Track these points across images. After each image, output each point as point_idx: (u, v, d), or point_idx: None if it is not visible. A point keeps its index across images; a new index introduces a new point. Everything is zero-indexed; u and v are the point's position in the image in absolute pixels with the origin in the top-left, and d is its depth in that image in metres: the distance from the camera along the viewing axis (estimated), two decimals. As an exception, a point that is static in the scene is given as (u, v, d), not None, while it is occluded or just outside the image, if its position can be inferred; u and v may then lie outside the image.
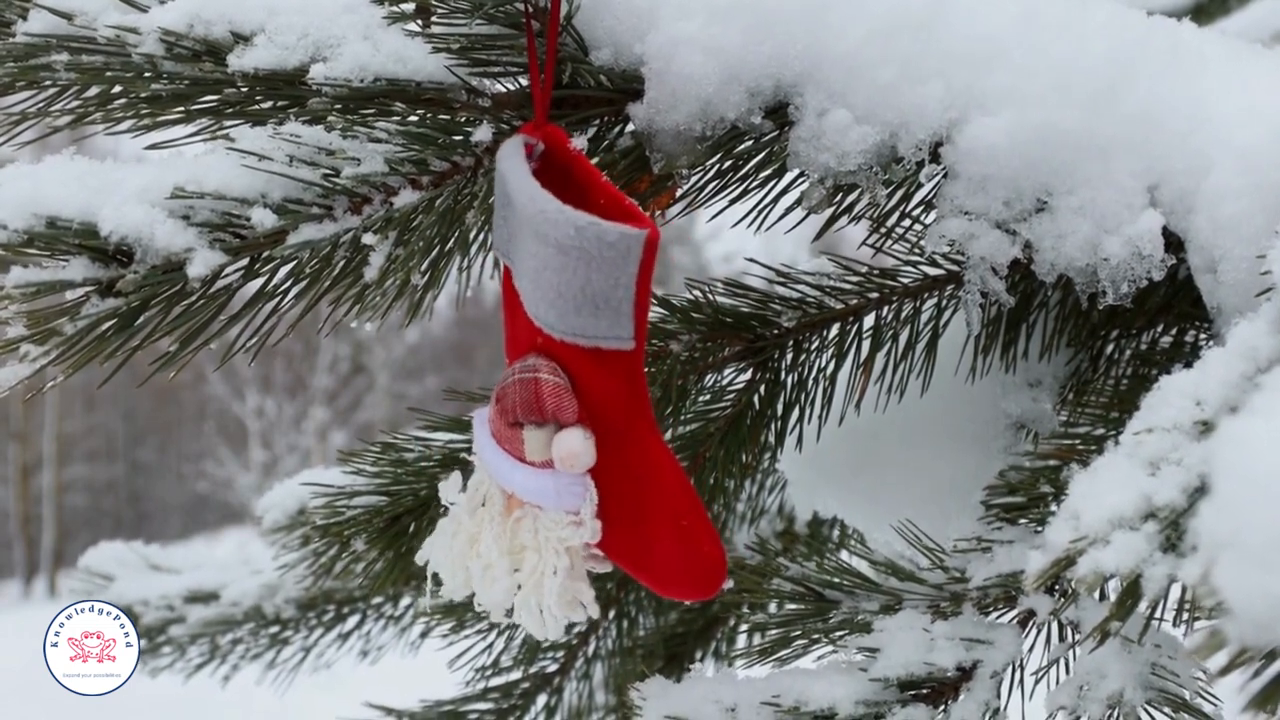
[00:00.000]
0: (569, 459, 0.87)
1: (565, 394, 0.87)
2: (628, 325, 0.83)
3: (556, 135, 0.88)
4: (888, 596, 0.95)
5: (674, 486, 0.87)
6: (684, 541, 0.87)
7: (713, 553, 0.87)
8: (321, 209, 0.86)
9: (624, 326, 0.83)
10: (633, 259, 0.81)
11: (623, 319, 0.83)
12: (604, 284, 0.82)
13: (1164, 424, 0.71)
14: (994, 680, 0.88)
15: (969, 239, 0.95)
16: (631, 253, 0.80)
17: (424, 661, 1.76)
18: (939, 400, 1.14)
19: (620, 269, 0.81)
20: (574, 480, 0.88)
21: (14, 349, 0.80)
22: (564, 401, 0.87)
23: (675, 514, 0.87)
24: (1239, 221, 0.90)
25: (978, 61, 0.93)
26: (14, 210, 0.79)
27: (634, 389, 0.87)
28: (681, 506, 0.87)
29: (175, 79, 0.89)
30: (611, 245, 0.80)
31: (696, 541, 0.87)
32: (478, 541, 0.93)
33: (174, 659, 1.78)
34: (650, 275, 0.82)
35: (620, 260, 0.81)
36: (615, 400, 0.87)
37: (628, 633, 1.60)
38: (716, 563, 0.87)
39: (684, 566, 0.88)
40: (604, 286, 0.82)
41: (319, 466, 1.52)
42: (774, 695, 0.86)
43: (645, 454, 0.88)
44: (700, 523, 0.87)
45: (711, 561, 0.87)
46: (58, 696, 1.42)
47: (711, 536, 0.87)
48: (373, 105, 0.90)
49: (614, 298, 0.82)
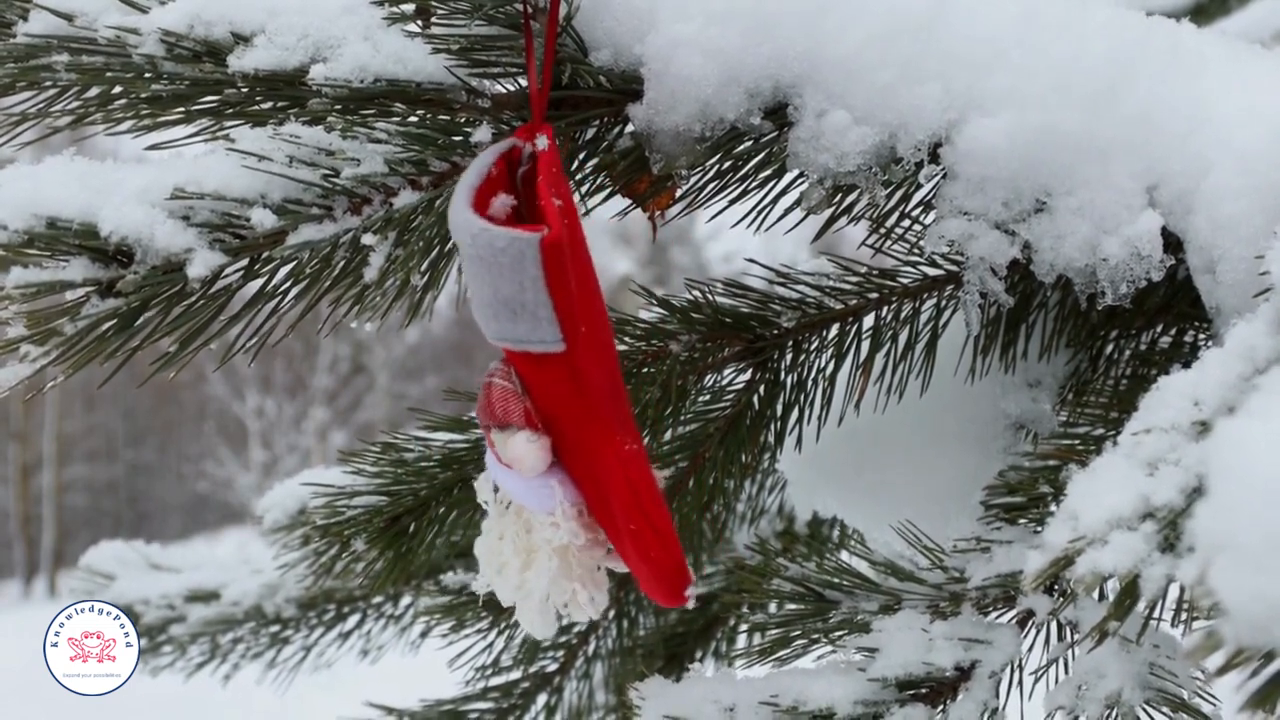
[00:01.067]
0: (516, 463, 0.88)
1: (512, 397, 0.87)
2: (549, 329, 0.82)
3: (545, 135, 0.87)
4: (887, 596, 0.95)
5: (621, 489, 0.86)
6: (636, 546, 0.87)
7: (660, 560, 0.86)
8: (321, 210, 0.86)
9: (545, 330, 0.82)
10: (529, 262, 0.80)
11: (542, 322, 0.82)
12: (510, 289, 0.81)
13: (1162, 424, 0.72)
14: (992, 680, 0.89)
15: (968, 239, 0.95)
16: (525, 256, 0.79)
17: (424, 661, 1.76)
18: (938, 401, 1.14)
19: (519, 273, 0.80)
20: (540, 482, 0.88)
21: (14, 349, 0.80)
22: (510, 405, 0.87)
23: (626, 517, 0.86)
24: (1238, 222, 0.90)
25: (977, 63, 0.93)
26: (14, 211, 0.79)
27: (579, 391, 0.86)
28: (629, 509, 0.86)
29: (175, 80, 0.89)
30: (503, 250, 0.79)
31: (645, 547, 0.86)
32: (504, 539, 0.93)
33: (174, 658, 1.78)
34: (566, 278, 0.81)
35: (516, 264, 0.80)
36: (561, 403, 0.87)
37: (628, 632, 1.60)
38: (668, 569, 0.86)
39: (642, 573, 0.87)
40: (511, 291, 0.81)
41: (319, 466, 1.52)
42: (772, 695, 0.86)
43: (596, 456, 0.87)
44: (649, 529, 0.86)
45: (661, 568, 0.86)
46: (58, 696, 1.42)
47: (663, 543, 0.86)
48: (373, 106, 0.90)
49: (526, 301, 0.81)
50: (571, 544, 0.89)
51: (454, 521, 1.21)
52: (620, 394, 0.89)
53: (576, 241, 0.83)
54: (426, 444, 1.20)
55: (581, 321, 0.83)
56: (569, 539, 0.89)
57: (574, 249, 0.83)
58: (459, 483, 1.19)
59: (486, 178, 0.84)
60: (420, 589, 1.63)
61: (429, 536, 1.20)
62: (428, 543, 1.20)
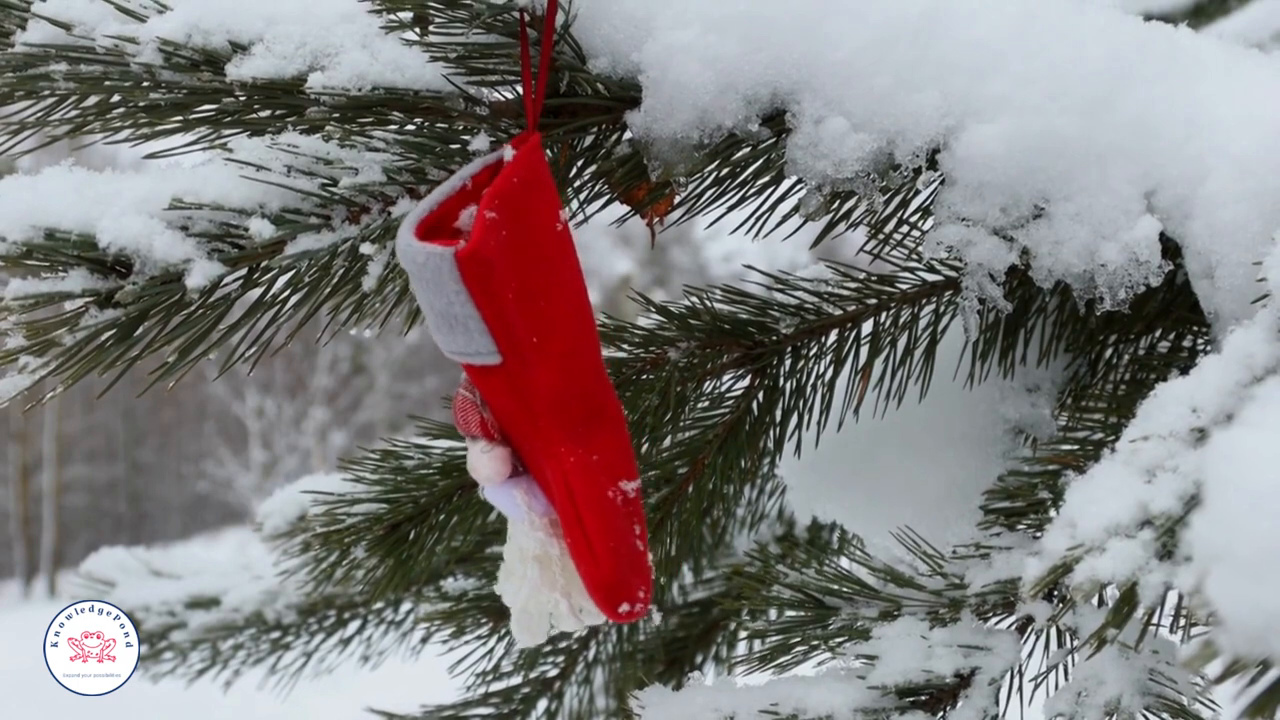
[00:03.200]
0: (472, 472, 0.89)
1: (470, 408, 0.88)
2: (483, 340, 0.82)
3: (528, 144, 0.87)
4: (887, 603, 0.96)
5: (562, 502, 0.86)
6: (575, 557, 0.87)
7: (590, 573, 0.86)
8: (319, 219, 0.86)
9: (480, 342, 0.82)
10: (448, 277, 0.80)
11: (476, 335, 0.82)
12: (440, 302, 0.81)
13: (1160, 431, 0.72)
14: (992, 687, 0.89)
15: (967, 245, 0.95)
16: (443, 271, 0.79)
17: (425, 667, 1.76)
18: (937, 406, 1.14)
19: (443, 286, 0.80)
20: (502, 491, 0.89)
21: (13, 360, 0.80)
22: (467, 415, 0.88)
23: (565, 530, 0.87)
24: (1236, 227, 0.90)
25: (974, 69, 0.93)
26: (13, 222, 0.79)
27: (522, 403, 0.86)
28: (568, 522, 0.86)
29: (173, 88, 0.89)
30: (423, 265, 0.80)
31: (578, 559, 0.86)
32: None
33: (175, 664, 1.78)
34: (495, 291, 0.81)
35: (437, 278, 0.80)
36: (509, 414, 0.87)
37: (628, 637, 1.60)
38: (597, 582, 0.86)
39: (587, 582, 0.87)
40: (442, 305, 0.81)
41: (319, 467, 1.53)
42: (773, 703, 0.86)
43: (538, 468, 0.88)
44: (583, 541, 0.86)
45: (592, 582, 0.86)
46: (58, 696, 1.42)
47: (597, 556, 0.85)
48: (370, 114, 0.90)
49: (459, 315, 0.81)
50: (547, 552, 0.89)
51: (454, 528, 1.21)
52: (589, 402, 0.88)
53: (521, 251, 0.82)
54: (426, 451, 1.20)
55: (529, 332, 0.83)
56: (538, 548, 0.89)
57: (515, 260, 0.82)
58: (459, 490, 1.19)
59: (459, 191, 0.84)
60: (421, 595, 1.63)
61: (429, 543, 1.20)
62: (428, 549, 1.20)
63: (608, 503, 0.87)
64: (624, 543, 0.87)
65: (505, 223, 0.81)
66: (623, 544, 0.86)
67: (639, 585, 0.87)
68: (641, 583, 0.87)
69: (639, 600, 0.86)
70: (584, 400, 0.88)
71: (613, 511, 0.87)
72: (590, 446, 0.87)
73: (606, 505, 0.86)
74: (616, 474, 0.88)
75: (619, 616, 0.86)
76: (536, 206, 0.84)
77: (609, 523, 0.86)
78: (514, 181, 0.83)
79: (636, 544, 0.88)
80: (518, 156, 0.84)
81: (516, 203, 0.83)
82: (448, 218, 0.84)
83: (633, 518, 0.88)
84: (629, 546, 0.87)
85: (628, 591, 0.86)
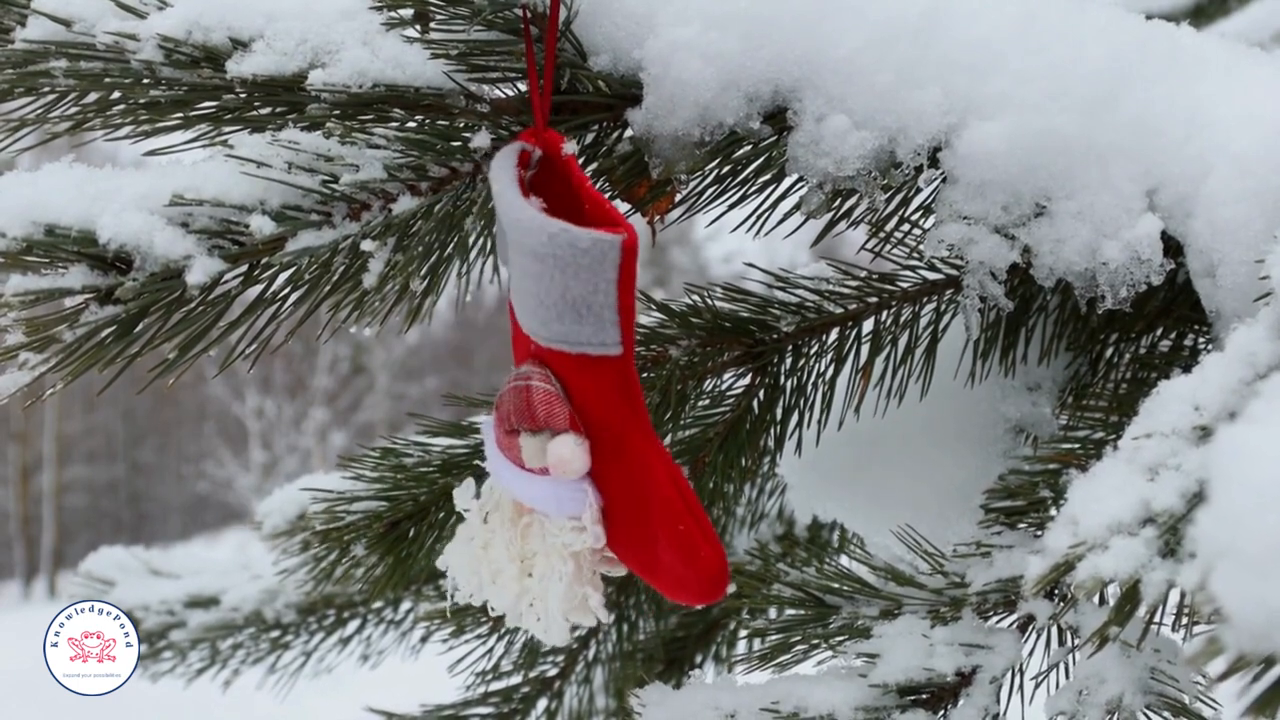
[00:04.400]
0: (560, 465, 0.87)
1: (556, 401, 0.87)
2: (613, 331, 0.83)
3: (553, 141, 0.88)
4: (887, 601, 0.95)
5: (668, 492, 0.87)
6: (681, 548, 0.87)
7: (710, 558, 0.86)
8: (320, 215, 0.86)
9: (608, 332, 0.83)
10: (609, 264, 0.80)
11: (606, 325, 0.83)
12: (582, 290, 0.81)
13: (1163, 429, 0.72)
14: (993, 685, 0.88)
15: (968, 244, 0.95)
16: (607, 258, 0.80)
17: (424, 666, 1.76)
18: (938, 404, 1.14)
19: (597, 275, 0.80)
20: (572, 486, 0.88)
21: (13, 356, 0.80)
22: (555, 408, 0.87)
23: (671, 520, 0.87)
24: (1238, 226, 0.90)
25: (976, 67, 0.93)
26: (13, 217, 0.79)
27: (626, 394, 0.86)
28: (677, 512, 0.87)
29: (174, 85, 0.89)
30: (585, 251, 0.80)
31: (694, 547, 0.86)
32: (490, 547, 0.93)
33: (174, 664, 1.78)
34: (632, 281, 0.82)
35: (596, 266, 0.80)
36: (607, 406, 0.87)
37: (628, 637, 1.60)
38: (715, 568, 0.86)
39: (684, 572, 0.87)
40: (583, 293, 0.81)
41: (319, 467, 1.53)
42: (773, 701, 0.86)
43: (641, 459, 0.87)
44: (696, 528, 0.86)
45: (710, 567, 0.86)
46: (58, 696, 1.42)
47: (710, 541, 0.86)
48: (371, 111, 0.90)
49: (595, 304, 0.82)
50: (592, 547, 0.89)
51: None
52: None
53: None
54: (426, 449, 1.20)
55: (629, 325, 0.84)
56: (594, 542, 0.88)
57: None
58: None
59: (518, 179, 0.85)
60: (420, 594, 1.63)
61: (429, 541, 1.20)
62: (427, 548, 1.20)
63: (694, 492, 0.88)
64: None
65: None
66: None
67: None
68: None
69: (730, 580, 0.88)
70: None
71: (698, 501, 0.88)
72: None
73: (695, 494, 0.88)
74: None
75: (723, 594, 0.87)
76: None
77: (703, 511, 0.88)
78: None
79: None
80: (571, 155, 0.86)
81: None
82: None
83: None
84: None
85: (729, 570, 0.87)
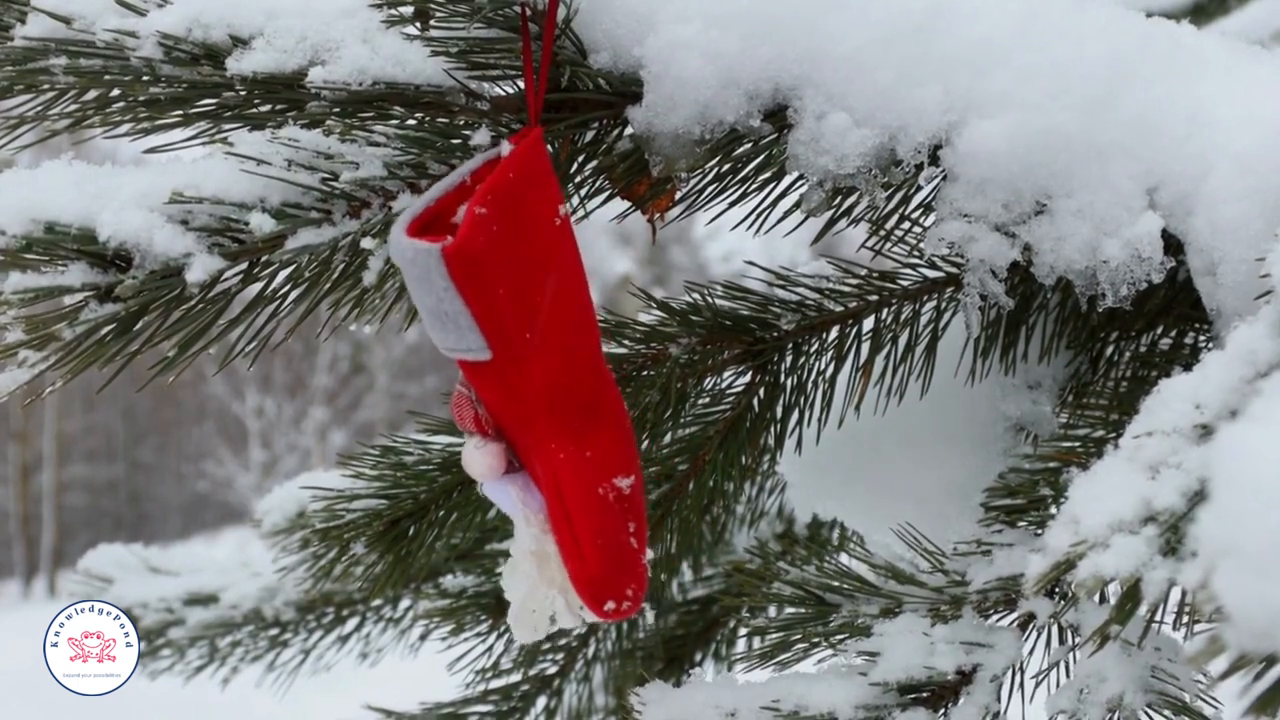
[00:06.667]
0: (465, 466, 0.88)
1: (465, 404, 0.87)
2: (474, 337, 0.82)
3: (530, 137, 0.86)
4: (888, 600, 0.95)
5: (550, 497, 0.86)
6: (566, 556, 0.86)
7: (577, 573, 0.85)
8: (320, 213, 0.86)
9: (470, 338, 0.82)
10: (435, 273, 0.79)
11: (465, 331, 0.82)
12: (431, 300, 0.81)
13: (1163, 427, 0.71)
14: (994, 684, 0.88)
15: (968, 242, 0.94)
16: (431, 267, 0.79)
17: (424, 664, 1.76)
18: (938, 403, 1.14)
19: (432, 283, 0.80)
20: (497, 488, 0.89)
21: (12, 354, 0.80)
22: (462, 411, 0.88)
23: (555, 526, 0.86)
24: (1238, 224, 0.90)
25: (976, 65, 0.93)
26: (12, 215, 0.79)
27: (511, 398, 0.85)
28: (555, 519, 0.86)
29: (174, 82, 0.88)
30: (412, 261, 0.79)
31: (565, 556, 0.86)
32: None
33: (173, 661, 1.78)
34: (485, 286, 0.80)
35: (426, 275, 0.79)
36: (500, 410, 0.87)
37: (627, 635, 1.60)
38: (583, 580, 0.85)
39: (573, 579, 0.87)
40: (432, 302, 0.81)
41: (319, 466, 1.52)
42: (774, 700, 0.86)
43: (540, 462, 0.87)
44: (569, 538, 0.85)
45: (578, 579, 0.85)
46: (58, 696, 1.42)
47: (579, 554, 0.85)
48: (371, 109, 0.90)
49: (450, 311, 0.81)
50: (544, 549, 0.89)
51: (454, 524, 1.21)
52: (586, 397, 0.88)
53: (514, 247, 0.82)
54: (426, 447, 1.20)
55: (521, 328, 0.83)
56: (535, 544, 0.88)
57: (507, 255, 0.81)
58: (459, 486, 1.19)
59: (459, 187, 0.84)
60: (419, 592, 1.63)
61: (428, 540, 1.20)
62: (427, 546, 1.20)
63: (597, 500, 0.86)
64: (613, 540, 0.86)
65: (496, 218, 0.81)
66: (612, 542, 0.86)
67: (628, 584, 0.86)
68: (631, 581, 0.86)
69: (627, 599, 0.86)
70: (580, 396, 0.87)
71: (603, 509, 0.86)
72: (584, 443, 0.87)
73: (596, 502, 0.86)
74: (611, 471, 0.87)
75: (605, 615, 0.86)
76: (533, 201, 0.84)
77: (598, 520, 0.86)
78: (509, 177, 0.82)
79: (629, 542, 0.87)
80: (514, 152, 0.84)
81: (510, 198, 0.82)
82: (446, 213, 0.84)
83: (627, 515, 0.87)
84: (619, 544, 0.86)
85: (615, 590, 0.85)
